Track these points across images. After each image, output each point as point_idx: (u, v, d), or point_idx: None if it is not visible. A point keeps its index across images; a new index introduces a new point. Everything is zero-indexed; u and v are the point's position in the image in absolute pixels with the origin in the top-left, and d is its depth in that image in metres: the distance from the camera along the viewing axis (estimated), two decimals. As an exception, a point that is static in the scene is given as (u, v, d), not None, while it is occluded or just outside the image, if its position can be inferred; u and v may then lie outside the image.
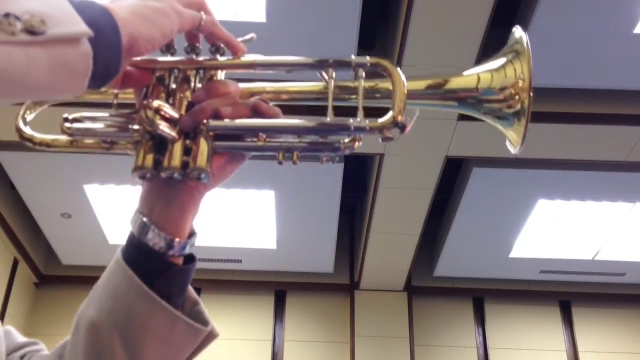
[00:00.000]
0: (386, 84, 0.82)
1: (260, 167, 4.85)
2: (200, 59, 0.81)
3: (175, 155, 0.76)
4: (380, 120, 0.76)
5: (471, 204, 5.45)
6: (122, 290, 0.79)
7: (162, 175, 0.76)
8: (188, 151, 0.77)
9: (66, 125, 0.81)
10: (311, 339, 6.34)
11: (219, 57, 0.81)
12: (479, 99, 0.84)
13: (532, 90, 0.80)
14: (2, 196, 5.55)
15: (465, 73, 0.85)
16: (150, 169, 0.76)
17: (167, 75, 0.80)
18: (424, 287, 6.53)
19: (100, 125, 0.81)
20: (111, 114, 0.82)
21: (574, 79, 4.50)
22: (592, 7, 3.96)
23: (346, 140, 0.79)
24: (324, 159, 0.81)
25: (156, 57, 0.79)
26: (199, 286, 6.16)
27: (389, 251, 5.92)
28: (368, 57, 0.79)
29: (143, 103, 0.75)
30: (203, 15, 0.78)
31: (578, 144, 4.77)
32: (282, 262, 6.34)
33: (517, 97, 0.82)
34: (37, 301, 6.39)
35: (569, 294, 6.51)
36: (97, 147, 0.82)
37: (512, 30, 0.86)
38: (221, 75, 0.83)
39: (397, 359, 6.12)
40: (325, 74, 0.80)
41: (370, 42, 4.56)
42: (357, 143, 0.79)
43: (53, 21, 0.58)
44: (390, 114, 0.76)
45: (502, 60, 0.85)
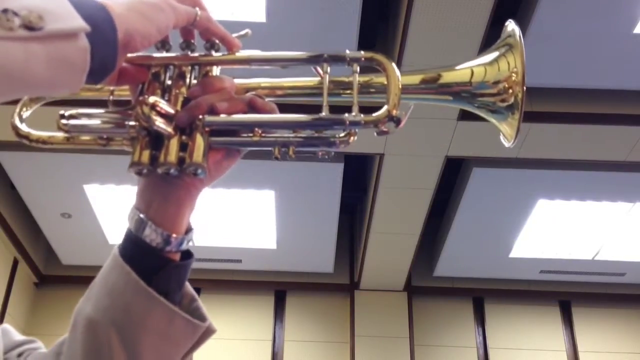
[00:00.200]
0: (381, 78, 0.82)
1: (260, 167, 4.85)
2: (196, 54, 0.81)
3: (171, 151, 0.76)
4: (375, 114, 0.76)
5: (471, 204, 5.45)
6: (119, 286, 0.79)
7: (159, 171, 0.76)
8: (184, 147, 0.77)
9: (62, 121, 0.81)
10: (311, 339, 6.33)
11: (214, 53, 0.81)
12: (472, 93, 0.84)
13: (525, 84, 0.81)
14: (2, 196, 5.55)
15: (459, 67, 0.85)
16: (147, 164, 0.76)
17: (162, 71, 0.80)
18: (424, 287, 6.53)
19: (97, 121, 0.81)
20: (107, 110, 0.82)
21: (574, 79, 4.50)
22: (592, 7, 3.96)
23: (341, 134, 0.79)
24: (320, 153, 0.81)
25: (152, 54, 0.79)
26: (199, 286, 6.16)
27: (389, 251, 5.92)
28: (362, 52, 0.79)
29: (139, 99, 0.75)
30: (198, 11, 0.79)
31: (578, 144, 4.77)
32: (282, 262, 6.34)
33: (510, 90, 0.82)
34: (37, 301, 6.39)
35: (569, 294, 6.50)
36: (93, 144, 0.82)
37: (505, 24, 0.87)
38: (216, 71, 0.83)
39: (397, 359, 6.12)
40: (320, 69, 0.80)
41: (370, 42, 4.56)
42: (353, 138, 0.79)
43: (51, 17, 0.58)
44: (385, 108, 0.76)
45: (495, 54, 0.85)
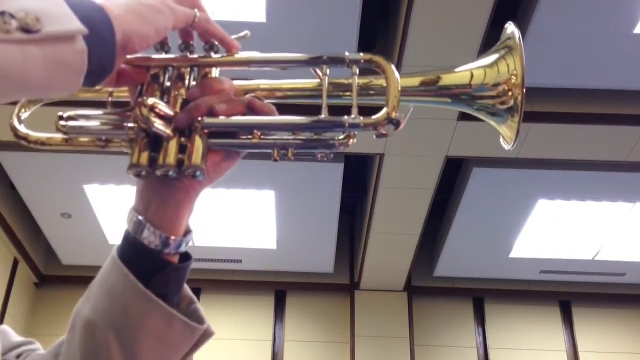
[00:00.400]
0: (380, 80, 0.81)
1: (260, 167, 4.84)
2: (195, 56, 0.81)
3: (170, 153, 0.76)
4: (374, 116, 0.76)
5: (471, 204, 5.45)
6: (117, 288, 0.78)
7: (157, 172, 0.76)
8: (183, 149, 0.76)
9: (61, 123, 0.81)
10: (311, 339, 6.33)
11: (213, 55, 0.81)
12: (472, 95, 0.84)
13: (524, 87, 0.80)
14: (2, 196, 5.55)
15: (459, 69, 0.85)
16: (146, 166, 0.76)
17: (161, 72, 0.80)
18: (424, 287, 6.53)
19: (95, 123, 0.81)
20: (106, 111, 0.81)
21: (574, 79, 4.50)
22: (592, 7, 3.96)
23: (340, 137, 0.78)
24: (319, 155, 0.80)
25: (150, 55, 0.79)
26: (199, 286, 6.16)
27: (389, 251, 5.91)
28: (362, 54, 0.79)
29: (138, 101, 0.75)
30: (197, 12, 0.78)
31: (578, 144, 4.77)
32: (282, 262, 6.34)
33: (510, 93, 0.82)
34: (37, 301, 6.39)
35: (569, 294, 6.51)
36: (92, 145, 0.81)
37: (505, 26, 0.86)
38: (215, 72, 0.82)
39: (397, 359, 6.12)
40: (319, 70, 0.80)
41: (370, 42, 4.56)
42: (352, 140, 0.78)
43: (48, 19, 0.57)
44: (384, 110, 0.76)
45: (494, 56, 0.84)
